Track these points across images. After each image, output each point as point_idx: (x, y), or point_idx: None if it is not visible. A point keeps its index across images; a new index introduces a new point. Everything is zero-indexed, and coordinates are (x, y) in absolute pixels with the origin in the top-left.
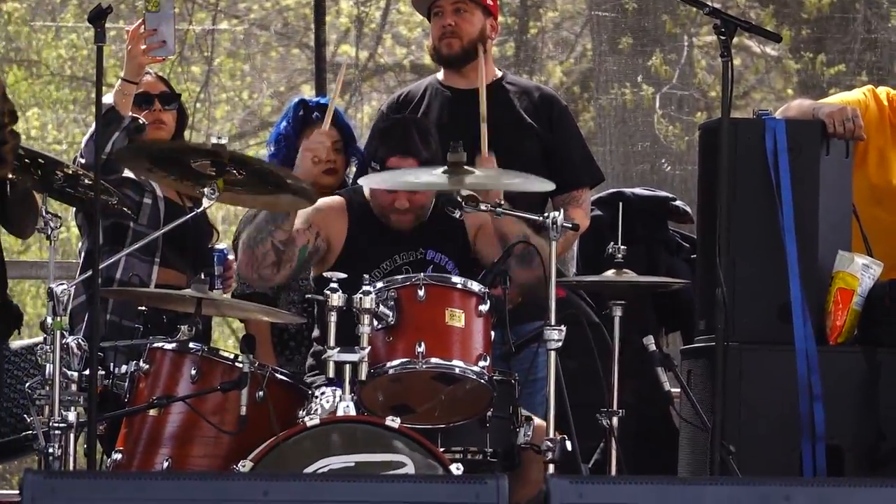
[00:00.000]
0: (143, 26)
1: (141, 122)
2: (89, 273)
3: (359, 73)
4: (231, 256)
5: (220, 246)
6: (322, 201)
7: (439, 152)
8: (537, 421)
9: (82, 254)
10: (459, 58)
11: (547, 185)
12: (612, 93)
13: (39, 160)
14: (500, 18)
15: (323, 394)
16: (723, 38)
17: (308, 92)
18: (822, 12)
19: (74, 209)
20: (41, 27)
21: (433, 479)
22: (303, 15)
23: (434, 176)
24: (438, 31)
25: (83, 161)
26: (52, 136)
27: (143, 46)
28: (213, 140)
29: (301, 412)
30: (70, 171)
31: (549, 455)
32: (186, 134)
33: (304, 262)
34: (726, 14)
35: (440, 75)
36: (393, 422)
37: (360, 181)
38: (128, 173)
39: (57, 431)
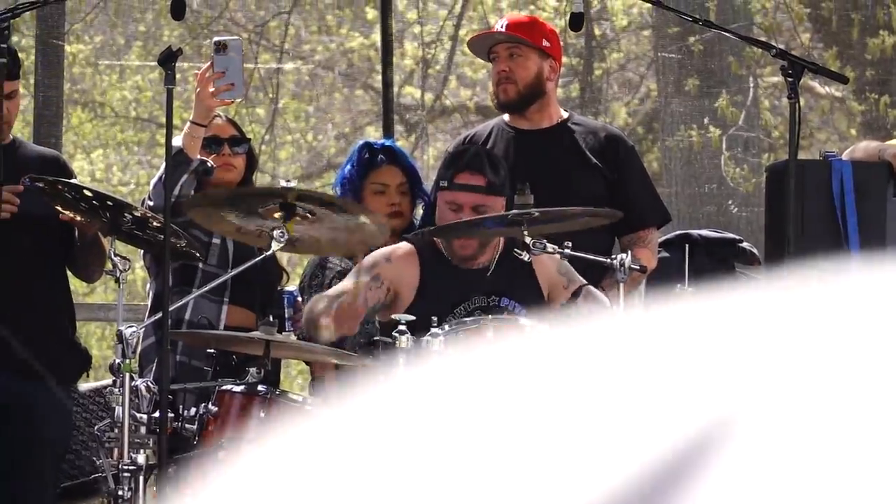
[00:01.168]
0: (211, 69)
1: (210, 164)
2: (158, 315)
3: (424, 115)
4: (300, 298)
5: (289, 288)
6: (391, 251)
7: (507, 184)
8: None
9: (150, 295)
10: (516, 103)
11: (616, 214)
12: (679, 134)
13: (108, 202)
14: (564, 59)
15: None
16: (790, 79)
17: (373, 133)
18: (885, 54)
19: (142, 251)
20: (105, 68)
21: None
22: (367, 56)
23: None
24: (496, 76)
25: (151, 203)
26: (116, 178)
27: (212, 89)
28: (282, 183)
29: None
30: (139, 214)
31: None
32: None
33: (371, 314)
34: (793, 56)
35: (506, 116)
36: None
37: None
38: None
39: (126, 474)
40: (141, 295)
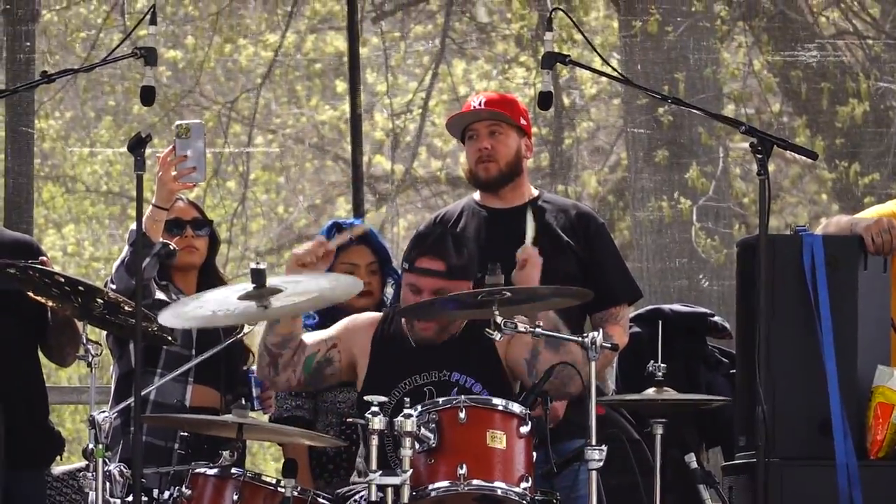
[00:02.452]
0: (173, 153)
1: (172, 247)
2: (130, 401)
3: (394, 187)
4: None
5: (255, 368)
6: (354, 319)
7: (473, 267)
8: None
9: (115, 377)
10: (497, 181)
11: (587, 294)
12: (649, 206)
13: (79, 287)
14: (534, 129)
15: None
16: (759, 156)
17: (344, 204)
18: (855, 122)
19: (105, 333)
20: (75, 142)
21: None
22: (337, 127)
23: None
24: (474, 154)
25: (114, 287)
26: (88, 253)
27: (174, 173)
28: (252, 266)
29: None
30: (110, 298)
31: None
32: (223, 249)
33: (315, 371)
34: (762, 132)
35: (476, 195)
36: None
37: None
38: (160, 295)
39: None
40: (108, 377)
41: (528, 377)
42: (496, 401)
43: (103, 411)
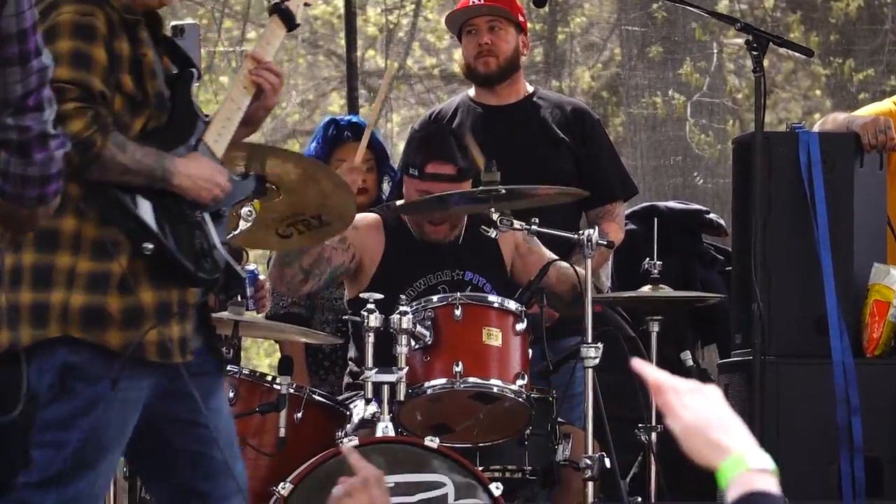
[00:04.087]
0: None
1: None
2: None
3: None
4: (262, 277)
5: (250, 267)
6: (358, 219)
7: (475, 163)
8: (576, 436)
9: None
10: (496, 76)
11: (582, 193)
12: (643, 102)
13: None
14: (528, 25)
15: (356, 407)
16: (755, 53)
17: (337, 100)
18: (849, 17)
19: None
20: None
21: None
22: (330, 23)
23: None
24: (474, 49)
25: None
26: None
27: None
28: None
29: (339, 433)
30: None
31: (588, 472)
32: None
33: (335, 279)
34: (758, 29)
35: (472, 92)
36: (432, 442)
37: (398, 204)
38: None
39: None
40: None
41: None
42: (492, 298)
43: None
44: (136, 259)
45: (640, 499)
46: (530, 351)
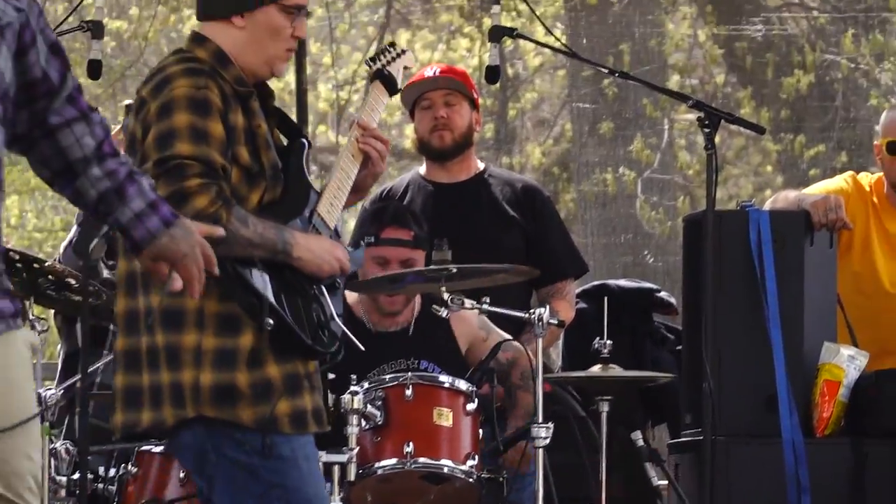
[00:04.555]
0: (122, 132)
1: None
2: (75, 378)
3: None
4: None
5: None
6: None
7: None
8: None
9: (61, 356)
10: (450, 151)
11: (533, 272)
12: (594, 178)
13: (28, 262)
14: (479, 101)
15: None
16: (707, 130)
17: None
18: (800, 93)
19: (53, 312)
20: None
21: None
22: (282, 98)
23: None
24: (429, 123)
25: (60, 265)
26: (31, 224)
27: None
28: None
29: None
30: (57, 275)
31: None
32: None
33: None
34: (709, 106)
35: (422, 169)
36: None
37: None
38: (108, 275)
39: None
40: (56, 354)
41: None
42: (442, 378)
43: (49, 388)
44: (258, 334)
45: None
46: (480, 431)
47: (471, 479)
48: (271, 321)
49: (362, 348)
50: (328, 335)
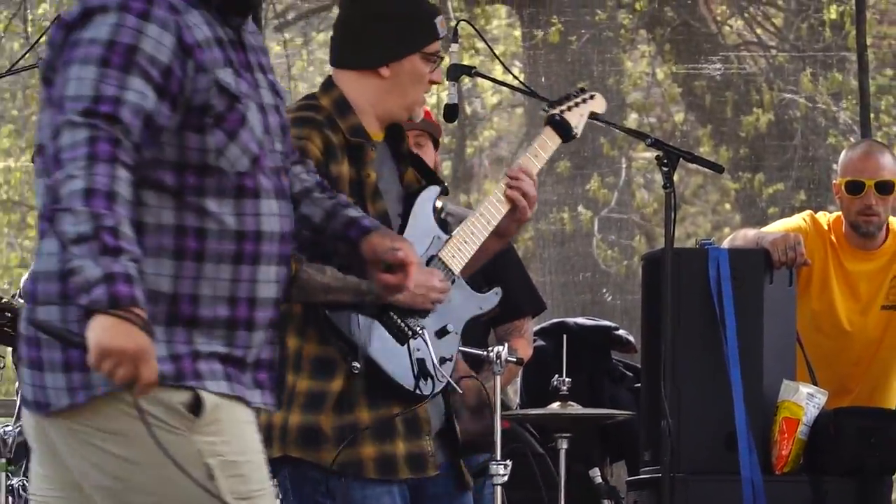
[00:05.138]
0: None
1: None
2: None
3: None
4: None
5: None
6: None
7: None
8: None
9: (20, 394)
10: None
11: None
12: (551, 217)
13: None
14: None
15: None
16: (665, 169)
17: None
18: (759, 132)
19: (11, 348)
20: None
21: None
22: None
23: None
24: None
25: (17, 303)
26: None
27: None
28: None
29: None
30: (14, 313)
31: None
32: None
33: None
34: (668, 145)
35: None
36: None
37: None
38: None
39: None
40: (12, 391)
41: None
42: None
43: (7, 425)
44: (352, 377)
45: None
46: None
47: None
48: (358, 365)
49: (460, 391)
50: (430, 380)
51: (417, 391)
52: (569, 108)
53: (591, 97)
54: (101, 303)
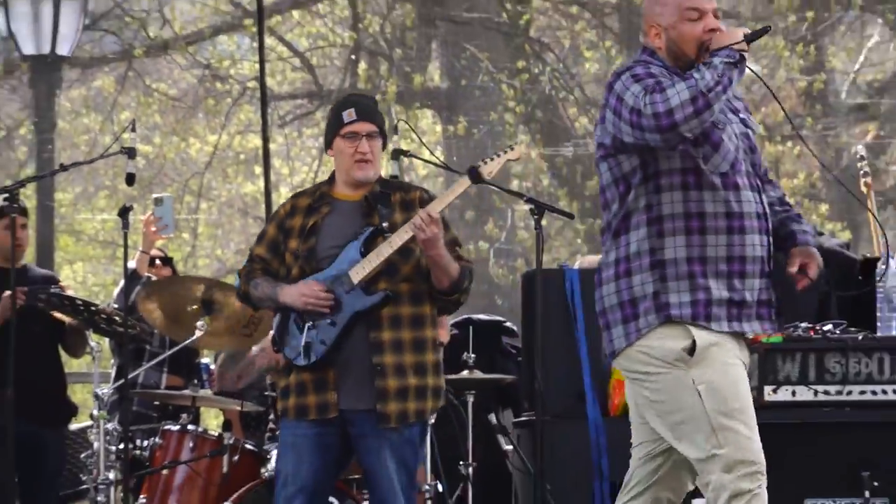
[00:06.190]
0: (152, 215)
1: (151, 278)
2: (122, 381)
3: None
4: (213, 367)
5: (204, 360)
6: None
7: None
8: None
9: (114, 367)
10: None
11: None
12: (465, 248)
13: (91, 307)
14: None
15: (273, 452)
16: (535, 217)
17: None
18: (597, 191)
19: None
20: (81, 208)
21: None
22: (255, 197)
23: None
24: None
25: (115, 306)
26: (91, 281)
27: (154, 229)
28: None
29: (262, 469)
30: (108, 314)
31: (427, 494)
32: None
33: (264, 374)
34: (537, 200)
35: None
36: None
37: None
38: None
39: (102, 486)
40: (107, 364)
41: None
42: None
43: (104, 389)
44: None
45: None
46: None
47: None
48: (280, 350)
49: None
50: (311, 355)
51: (299, 362)
52: (490, 160)
53: (511, 148)
54: None
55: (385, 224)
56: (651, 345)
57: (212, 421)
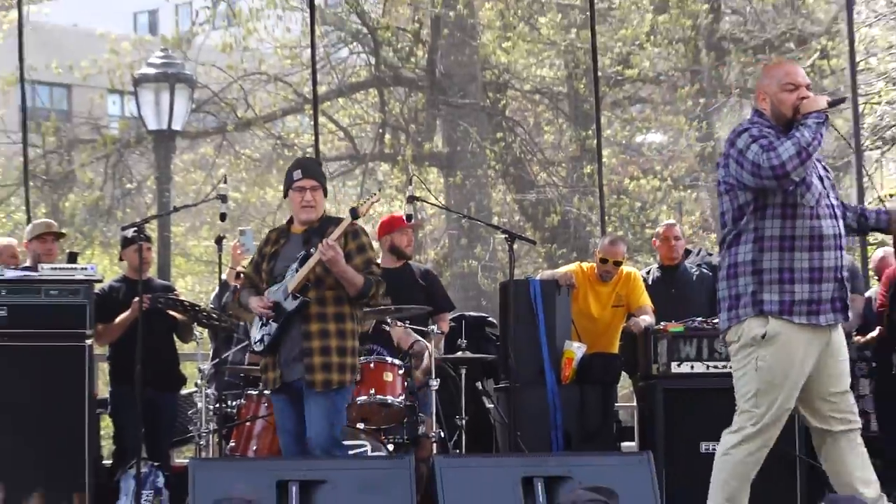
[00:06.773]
0: (238, 242)
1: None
2: (217, 360)
3: None
4: None
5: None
6: None
7: None
8: (427, 422)
9: (212, 349)
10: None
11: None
12: (458, 265)
13: (196, 308)
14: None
15: None
16: (509, 243)
17: None
18: (555, 226)
19: (207, 330)
20: (190, 238)
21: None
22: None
23: None
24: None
25: (212, 306)
26: (197, 289)
27: (239, 252)
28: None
29: None
30: (209, 312)
31: (433, 439)
32: None
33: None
34: (511, 232)
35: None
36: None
37: None
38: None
39: (204, 434)
40: (207, 347)
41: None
42: (389, 359)
43: (205, 365)
44: None
45: (458, 451)
46: (406, 383)
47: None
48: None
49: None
50: (263, 345)
51: (256, 349)
52: (362, 203)
53: (374, 194)
54: None
55: (313, 250)
56: (743, 328)
57: None
